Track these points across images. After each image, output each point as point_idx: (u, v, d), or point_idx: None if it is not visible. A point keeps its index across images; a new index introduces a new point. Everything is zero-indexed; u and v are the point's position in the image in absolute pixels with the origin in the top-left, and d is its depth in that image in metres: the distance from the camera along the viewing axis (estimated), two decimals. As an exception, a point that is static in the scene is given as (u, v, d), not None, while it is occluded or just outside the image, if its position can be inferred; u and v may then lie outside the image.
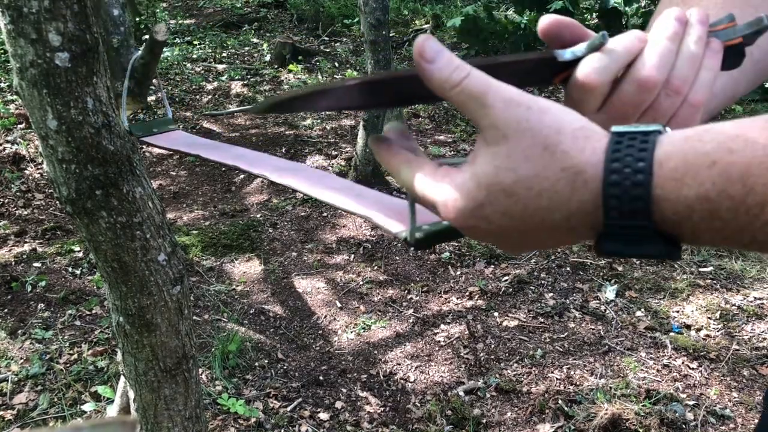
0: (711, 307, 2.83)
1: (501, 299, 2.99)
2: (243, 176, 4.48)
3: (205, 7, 9.13)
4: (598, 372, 2.48)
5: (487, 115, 0.41)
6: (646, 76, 0.48)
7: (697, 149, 0.37)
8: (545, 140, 0.40)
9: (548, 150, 0.40)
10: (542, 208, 0.40)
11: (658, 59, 0.48)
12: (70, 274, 3.16)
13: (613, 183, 0.38)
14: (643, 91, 0.49)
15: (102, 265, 1.31)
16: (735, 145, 0.36)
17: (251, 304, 3.02)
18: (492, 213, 0.41)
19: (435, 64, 0.42)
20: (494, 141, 0.41)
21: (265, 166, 0.80)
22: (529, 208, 0.40)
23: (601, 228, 0.40)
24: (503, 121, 0.40)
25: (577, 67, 0.49)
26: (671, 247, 0.40)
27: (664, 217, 0.38)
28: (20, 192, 4.03)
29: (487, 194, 0.41)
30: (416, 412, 2.34)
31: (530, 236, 0.43)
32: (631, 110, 0.50)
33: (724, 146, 0.37)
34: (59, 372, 2.48)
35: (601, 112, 0.51)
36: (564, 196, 0.39)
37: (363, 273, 3.26)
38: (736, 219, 0.36)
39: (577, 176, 0.39)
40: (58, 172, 1.20)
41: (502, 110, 0.41)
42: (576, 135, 0.40)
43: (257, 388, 2.47)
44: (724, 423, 2.23)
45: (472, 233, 0.44)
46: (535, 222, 0.41)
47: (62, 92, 1.12)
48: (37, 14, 1.06)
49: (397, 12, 8.33)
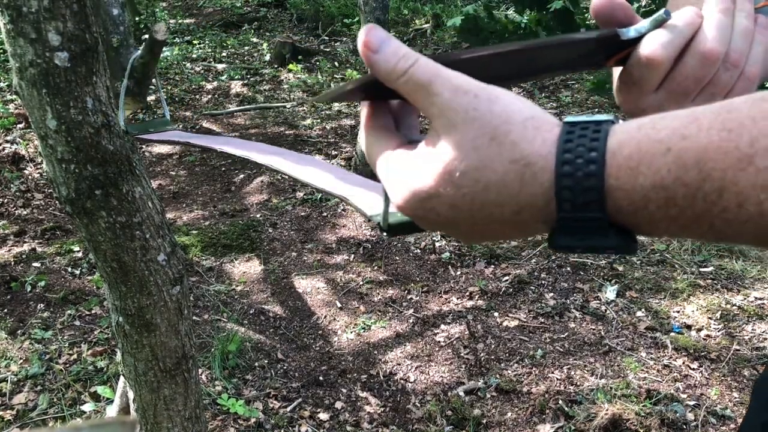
0: (711, 307, 2.83)
1: (501, 299, 2.98)
2: (243, 176, 4.47)
3: (204, 7, 9.12)
4: (599, 372, 2.48)
5: (434, 104, 0.39)
6: (709, 49, 0.48)
7: (651, 137, 0.36)
8: (493, 130, 0.38)
9: (496, 140, 0.38)
10: (490, 202, 0.39)
11: (718, 32, 0.48)
12: (70, 274, 3.15)
13: (565, 174, 0.37)
14: (707, 64, 0.48)
15: (101, 265, 1.31)
16: (688, 131, 0.35)
17: (251, 304, 3.02)
18: (439, 205, 0.40)
19: (380, 54, 0.41)
20: (443, 130, 0.39)
21: (251, 149, 0.80)
22: (477, 201, 0.39)
23: (554, 222, 0.39)
24: (451, 110, 0.39)
25: (639, 45, 0.48)
26: (627, 239, 0.38)
27: (619, 207, 0.37)
28: (20, 192, 4.03)
29: (434, 185, 0.40)
30: (416, 413, 2.34)
31: (480, 228, 0.41)
32: (692, 85, 0.49)
33: (678, 132, 0.36)
34: (59, 372, 2.47)
35: (659, 90, 0.51)
36: (513, 189, 0.38)
37: (363, 273, 3.26)
38: (693, 206, 0.35)
39: (526, 168, 0.38)
40: (57, 171, 1.19)
41: (449, 99, 0.39)
42: (526, 125, 0.38)
43: (257, 388, 2.47)
44: (725, 423, 2.23)
45: (420, 223, 0.43)
46: (484, 215, 0.40)
47: (62, 92, 1.12)
48: (37, 14, 1.06)
49: (397, 11, 8.32)
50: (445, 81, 0.39)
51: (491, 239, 0.44)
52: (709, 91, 0.50)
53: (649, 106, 0.52)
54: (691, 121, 0.36)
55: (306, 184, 0.66)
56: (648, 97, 0.52)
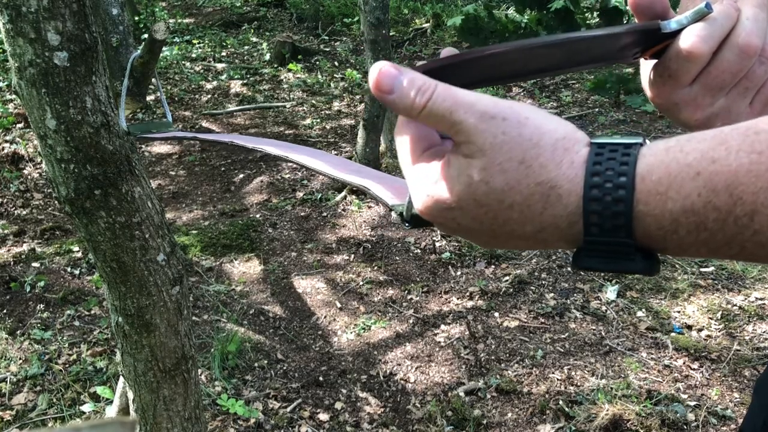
0: (712, 307, 2.83)
1: (501, 299, 2.98)
2: (242, 176, 4.47)
3: (204, 6, 9.12)
4: (599, 372, 2.47)
5: (460, 131, 0.39)
6: (747, 42, 0.48)
7: (680, 160, 0.36)
8: (523, 154, 0.38)
9: (524, 164, 0.38)
10: (512, 220, 0.40)
11: (755, 26, 0.48)
12: (69, 275, 3.15)
13: (593, 198, 0.37)
14: (744, 57, 0.48)
15: (101, 265, 1.30)
16: (717, 154, 0.35)
17: (251, 304, 3.01)
18: (460, 216, 0.41)
19: (394, 95, 0.41)
20: (470, 154, 0.40)
21: (260, 143, 0.79)
22: (499, 218, 0.40)
23: (579, 243, 0.39)
24: (479, 137, 0.39)
25: (678, 38, 0.48)
26: (652, 262, 0.38)
27: (648, 233, 0.37)
28: (19, 192, 4.02)
29: (457, 200, 0.40)
30: (416, 413, 2.34)
31: (500, 241, 0.42)
32: (729, 79, 0.49)
33: (707, 156, 0.35)
34: (58, 372, 2.47)
35: (694, 83, 0.50)
36: (536, 210, 0.39)
37: (363, 273, 3.25)
38: (724, 230, 0.35)
39: (551, 190, 0.38)
40: (56, 171, 1.19)
41: (474, 125, 0.39)
42: (556, 146, 0.38)
43: (257, 388, 2.46)
44: (726, 423, 2.22)
45: (440, 227, 0.44)
46: (505, 231, 0.41)
47: (61, 92, 1.11)
48: (36, 13, 1.06)
49: (397, 11, 8.32)
50: (468, 108, 0.39)
51: (511, 249, 0.45)
52: (744, 85, 0.50)
53: (682, 100, 0.52)
54: (719, 143, 0.35)
55: (323, 173, 0.65)
56: (682, 90, 0.51)
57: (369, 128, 4.00)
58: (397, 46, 7.22)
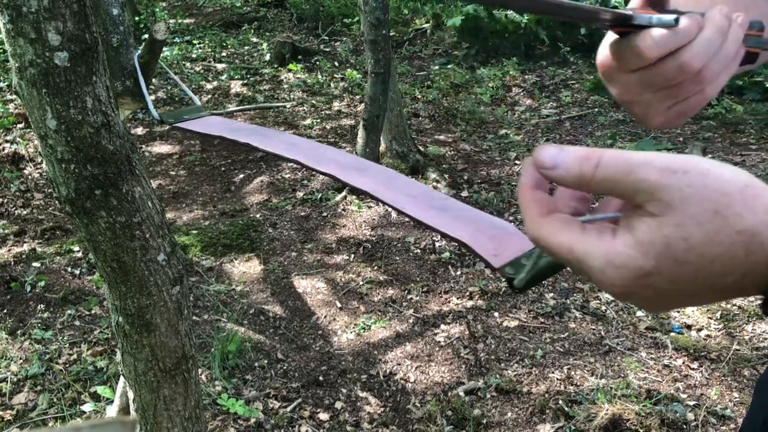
0: (712, 307, 2.83)
1: (501, 299, 2.98)
2: (243, 176, 4.47)
3: (204, 7, 9.12)
4: (599, 372, 2.48)
5: (642, 191, 0.39)
6: (688, 62, 0.53)
7: None
8: (715, 205, 0.38)
9: (719, 214, 0.38)
10: (714, 273, 0.39)
11: (704, 50, 0.53)
12: (70, 274, 3.15)
13: None
14: (681, 72, 0.54)
15: (101, 265, 1.31)
16: None
17: (251, 304, 3.02)
18: (658, 281, 0.40)
19: (560, 168, 0.41)
20: (659, 212, 0.39)
21: (328, 162, 0.73)
22: (701, 274, 0.40)
23: None
24: (665, 193, 0.39)
25: (640, 34, 0.53)
26: None
27: None
28: (19, 192, 4.03)
29: (656, 264, 0.40)
30: (416, 413, 2.34)
31: (698, 299, 0.42)
32: (662, 82, 0.55)
33: None
34: (58, 372, 2.47)
35: (633, 73, 0.56)
36: (739, 260, 0.39)
37: (363, 273, 3.25)
38: None
39: (753, 238, 0.38)
40: (57, 171, 1.19)
41: (657, 182, 0.39)
42: (744, 194, 0.39)
43: (257, 388, 2.47)
44: (725, 423, 2.23)
45: (626, 298, 0.43)
46: (705, 286, 0.40)
47: (61, 92, 1.12)
48: (37, 13, 1.06)
49: (397, 11, 8.32)
50: (645, 166, 0.39)
51: (689, 306, 0.45)
52: (672, 93, 0.56)
53: (617, 81, 0.58)
54: None
55: (413, 219, 0.62)
56: (621, 73, 0.57)
57: (369, 128, 4.01)
58: (397, 47, 7.22)
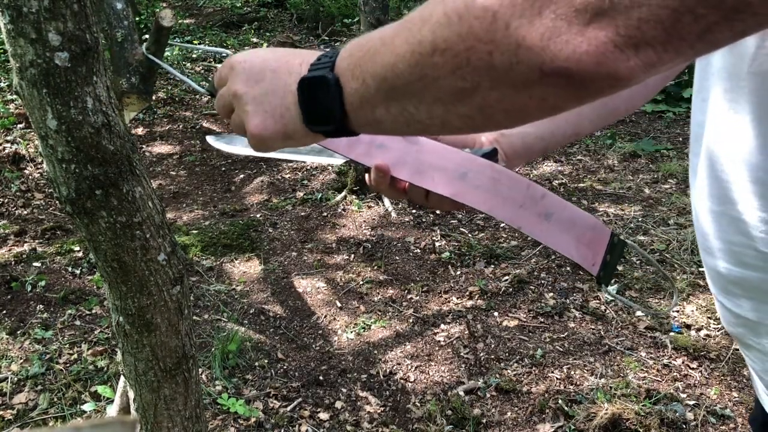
0: (711, 306, 2.83)
1: (501, 299, 2.98)
2: (243, 176, 4.47)
3: (204, 7, 9.12)
4: (599, 372, 2.48)
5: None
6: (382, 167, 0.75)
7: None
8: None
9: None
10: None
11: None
12: (70, 274, 3.16)
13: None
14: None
15: (102, 265, 1.31)
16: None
17: (251, 303, 3.02)
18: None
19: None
20: None
21: (429, 173, 0.70)
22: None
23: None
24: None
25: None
26: None
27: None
28: (20, 192, 4.03)
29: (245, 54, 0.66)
30: (416, 412, 2.34)
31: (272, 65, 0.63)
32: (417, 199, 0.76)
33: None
34: (59, 372, 2.48)
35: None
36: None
37: (363, 273, 3.26)
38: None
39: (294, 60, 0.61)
40: (57, 171, 1.19)
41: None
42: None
43: (257, 387, 2.47)
44: (725, 423, 2.23)
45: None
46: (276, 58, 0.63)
47: (62, 92, 1.12)
48: (37, 14, 1.06)
49: (397, 11, 8.32)
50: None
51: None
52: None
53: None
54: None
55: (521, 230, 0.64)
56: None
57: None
58: (397, 46, 7.19)
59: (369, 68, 0.50)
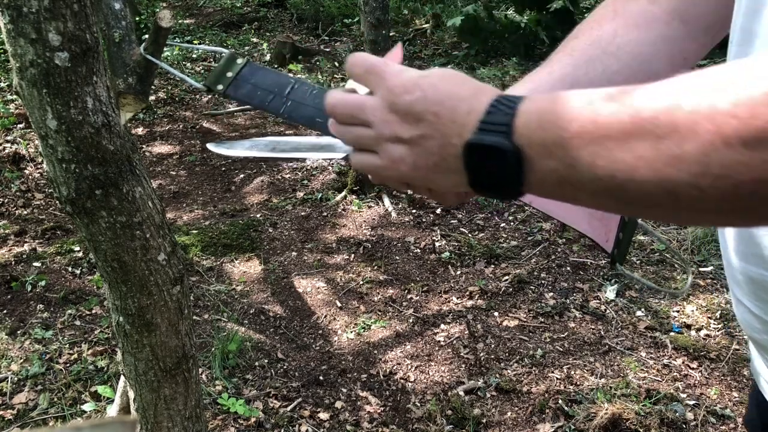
0: (711, 306, 2.83)
1: (501, 299, 2.98)
2: (243, 176, 4.47)
3: (204, 7, 9.12)
4: (599, 372, 2.48)
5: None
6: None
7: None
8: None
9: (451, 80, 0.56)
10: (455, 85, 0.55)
11: None
12: (70, 274, 3.16)
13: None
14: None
15: (102, 265, 1.31)
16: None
17: (251, 303, 3.02)
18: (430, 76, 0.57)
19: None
20: None
21: None
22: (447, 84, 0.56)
23: None
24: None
25: None
26: None
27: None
28: (20, 192, 4.03)
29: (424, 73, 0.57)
30: (416, 412, 2.34)
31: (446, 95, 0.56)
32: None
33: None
34: (59, 372, 2.48)
35: None
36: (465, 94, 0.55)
37: (363, 273, 3.26)
38: None
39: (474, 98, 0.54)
40: (57, 171, 1.19)
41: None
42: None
43: (257, 387, 2.47)
44: (725, 423, 2.23)
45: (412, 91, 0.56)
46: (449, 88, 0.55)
47: (62, 92, 1.12)
48: (37, 14, 1.06)
49: (397, 11, 8.32)
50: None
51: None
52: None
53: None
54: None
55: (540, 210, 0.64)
56: None
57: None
58: (397, 46, 7.19)
59: (583, 157, 0.41)
